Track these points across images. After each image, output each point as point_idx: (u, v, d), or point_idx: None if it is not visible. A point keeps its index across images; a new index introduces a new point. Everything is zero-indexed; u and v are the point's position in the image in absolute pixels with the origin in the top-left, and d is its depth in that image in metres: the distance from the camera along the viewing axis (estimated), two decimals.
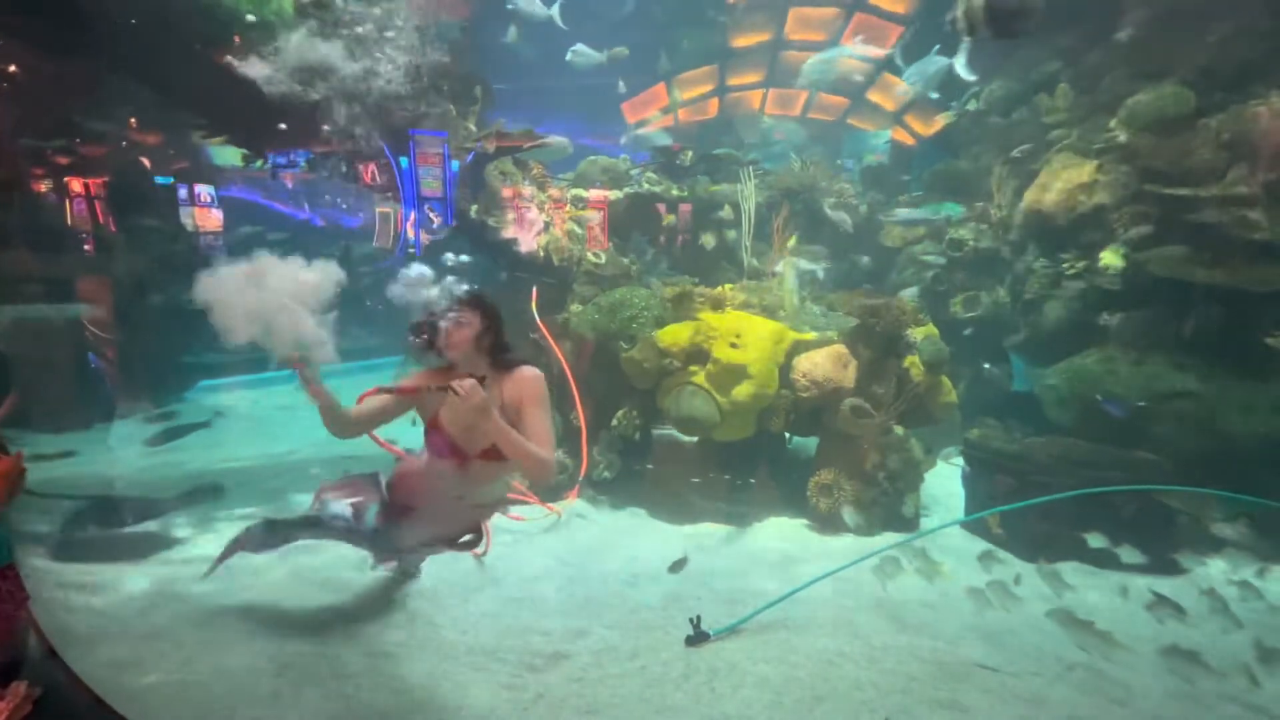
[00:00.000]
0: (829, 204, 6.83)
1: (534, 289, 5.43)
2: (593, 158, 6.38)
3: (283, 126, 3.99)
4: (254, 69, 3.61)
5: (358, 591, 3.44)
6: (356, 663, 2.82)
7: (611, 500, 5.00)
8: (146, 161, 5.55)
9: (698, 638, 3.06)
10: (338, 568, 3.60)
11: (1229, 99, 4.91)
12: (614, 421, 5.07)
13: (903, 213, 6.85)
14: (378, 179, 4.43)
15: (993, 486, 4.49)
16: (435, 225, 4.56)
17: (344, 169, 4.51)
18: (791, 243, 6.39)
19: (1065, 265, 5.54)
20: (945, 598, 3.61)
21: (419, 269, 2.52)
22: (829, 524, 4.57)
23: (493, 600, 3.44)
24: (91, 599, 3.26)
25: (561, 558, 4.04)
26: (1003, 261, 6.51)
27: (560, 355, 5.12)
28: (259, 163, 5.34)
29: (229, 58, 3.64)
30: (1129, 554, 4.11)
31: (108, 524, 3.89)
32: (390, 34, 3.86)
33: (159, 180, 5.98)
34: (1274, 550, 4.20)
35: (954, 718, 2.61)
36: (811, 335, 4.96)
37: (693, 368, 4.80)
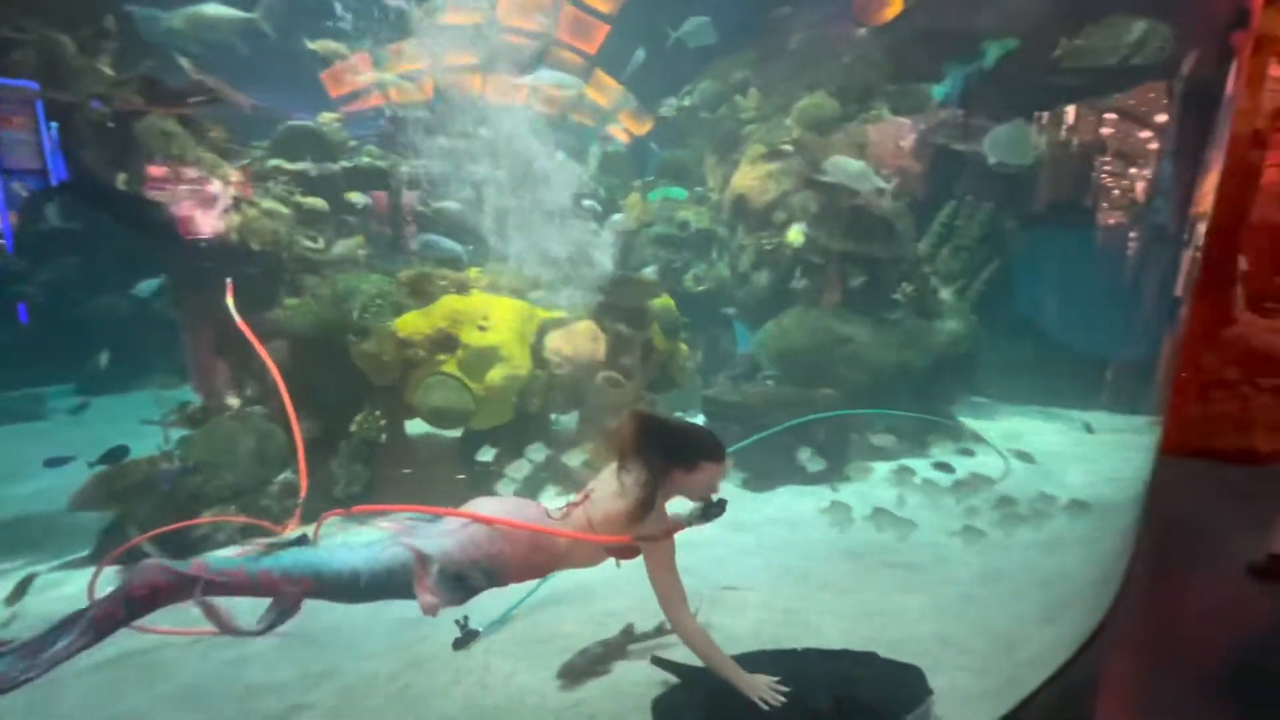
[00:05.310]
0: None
1: (228, 282, 4.42)
2: (294, 123, 5.42)
3: None
4: None
5: None
6: None
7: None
8: None
9: (466, 638, 2.87)
10: None
11: (858, 110, 6.36)
12: (353, 427, 4.46)
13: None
14: None
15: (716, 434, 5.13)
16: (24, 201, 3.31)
17: None
18: None
19: (763, 241, 6.57)
20: (698, 536, 4.01)
21: None
22: None
23: (206, 666, 2.74)
24: None
25: None
26: (719, 239, 7.46)
27: (268, 360, 4.28)
28: None
29: None
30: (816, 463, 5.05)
31: None
32: None
33: None
34: (915, 448, 5.68)
35: None
36: (560, 313, 5.02)
37: (441, 356, 4.46)
